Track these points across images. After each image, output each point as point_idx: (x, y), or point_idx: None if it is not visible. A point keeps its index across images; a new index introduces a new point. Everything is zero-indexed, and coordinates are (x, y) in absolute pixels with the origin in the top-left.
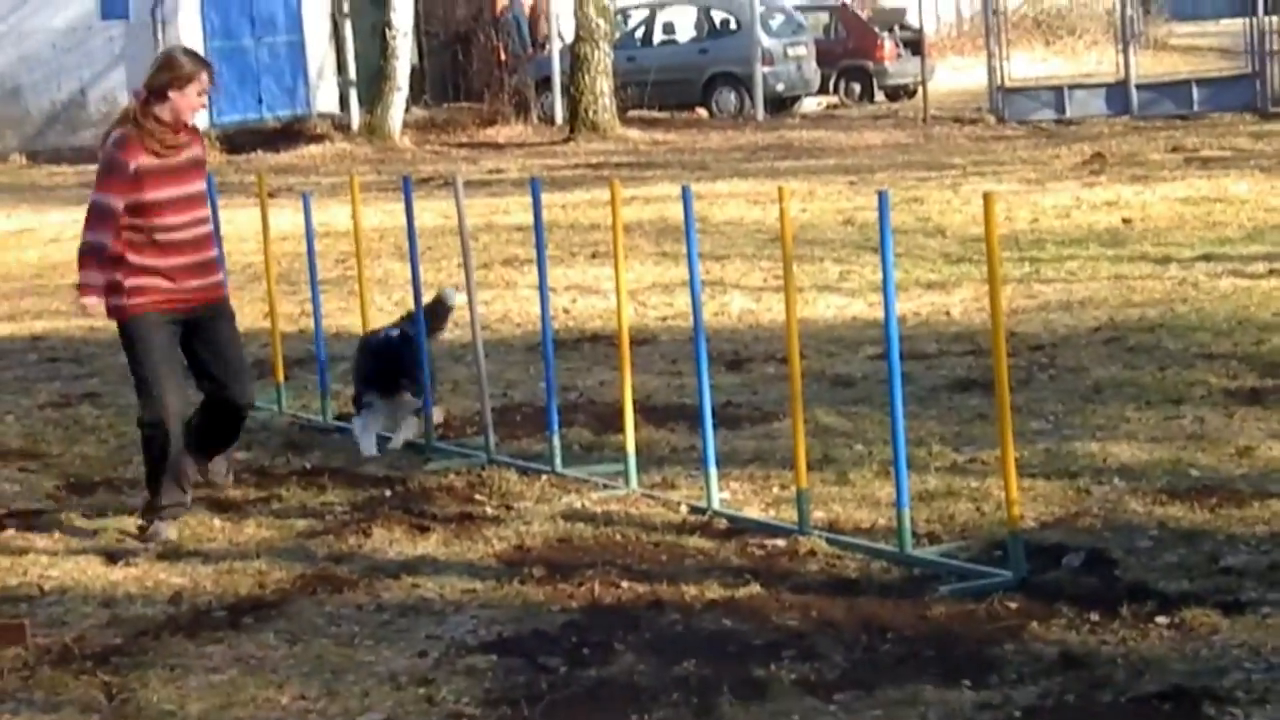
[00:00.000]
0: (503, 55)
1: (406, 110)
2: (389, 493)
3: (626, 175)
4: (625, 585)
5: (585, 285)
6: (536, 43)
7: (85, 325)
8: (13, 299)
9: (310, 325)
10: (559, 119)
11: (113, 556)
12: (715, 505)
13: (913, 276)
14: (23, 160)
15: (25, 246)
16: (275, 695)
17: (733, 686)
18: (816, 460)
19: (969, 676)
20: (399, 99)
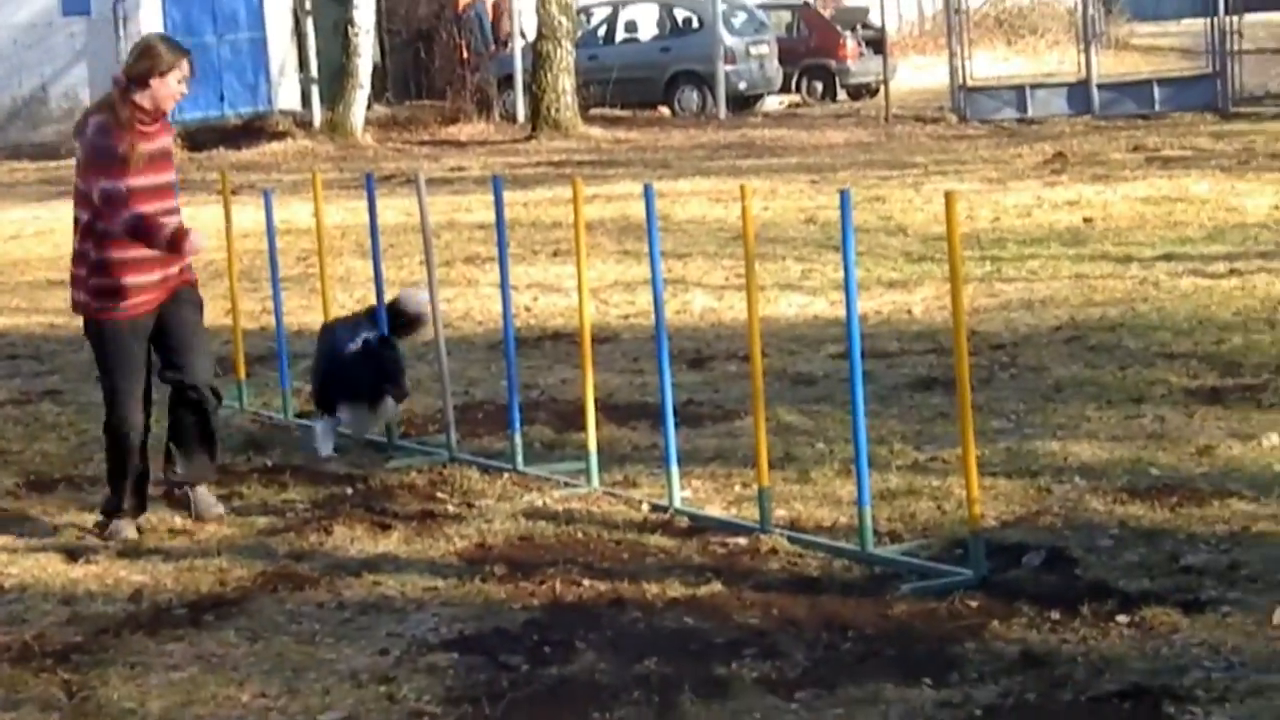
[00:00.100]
0: (465, 53)
1: (368, 107)
2: (350, 490)
3: (588, 173)
4: (587, 583)
5: (547, 283)
6: (499, 40)
7: (45, 323)
8: None
9: (271, 322)
10: (521, 117)
11: (73, 554)
12: (677, 503)
13: (874, 275)
14: None
15: None
16: (236, 693)
17: (694, 685)
18: (778, 459)
19: (930, 675)
20: (361, 96)
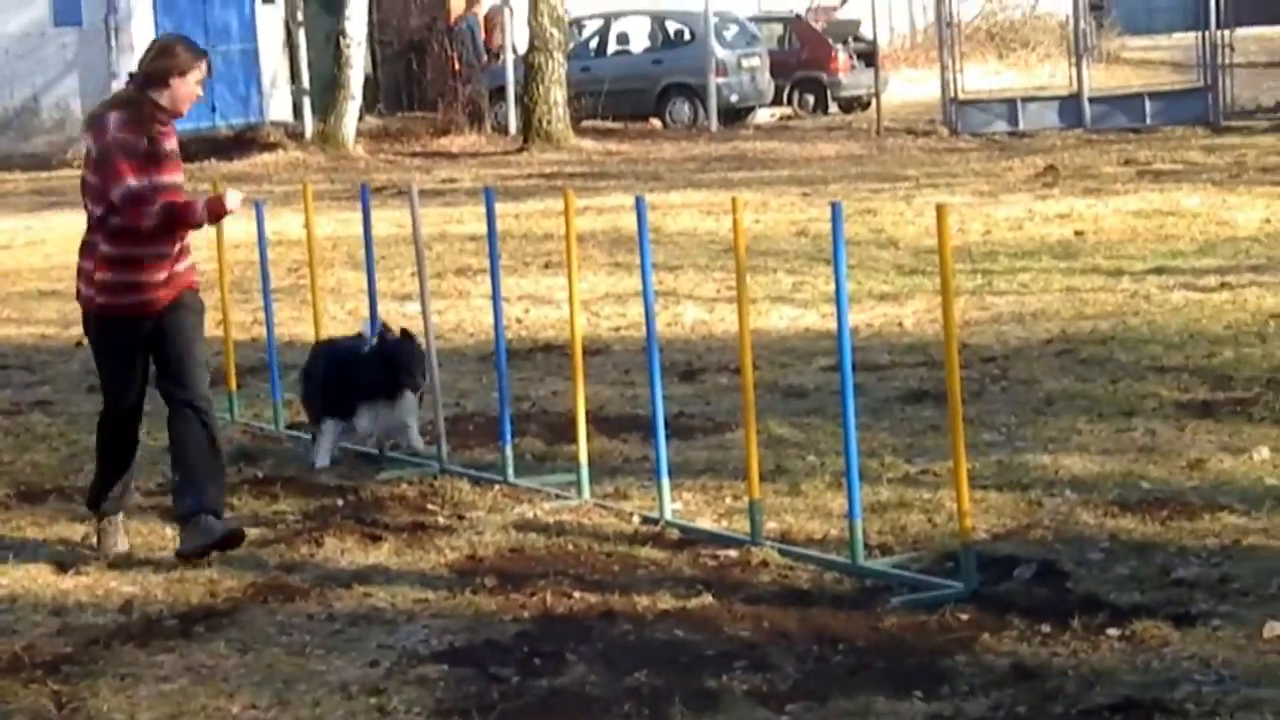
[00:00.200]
0: (457, 65)
1: (360, 119)
2: (341, 502)
3: (580, 185)
4: (577, 595)
5: (538, 295)
6: (490, 52)
7: (36, 333)
8: None
9: (263, 334)
10: (513, 129)
11: (63, 565)
12: (668, 516)
13: (866, 288)
14: None
15: None
16: (226, 704)
17: (684, 697)
18: (769, 471)
19: (920, 688)
20: (352, 108)
